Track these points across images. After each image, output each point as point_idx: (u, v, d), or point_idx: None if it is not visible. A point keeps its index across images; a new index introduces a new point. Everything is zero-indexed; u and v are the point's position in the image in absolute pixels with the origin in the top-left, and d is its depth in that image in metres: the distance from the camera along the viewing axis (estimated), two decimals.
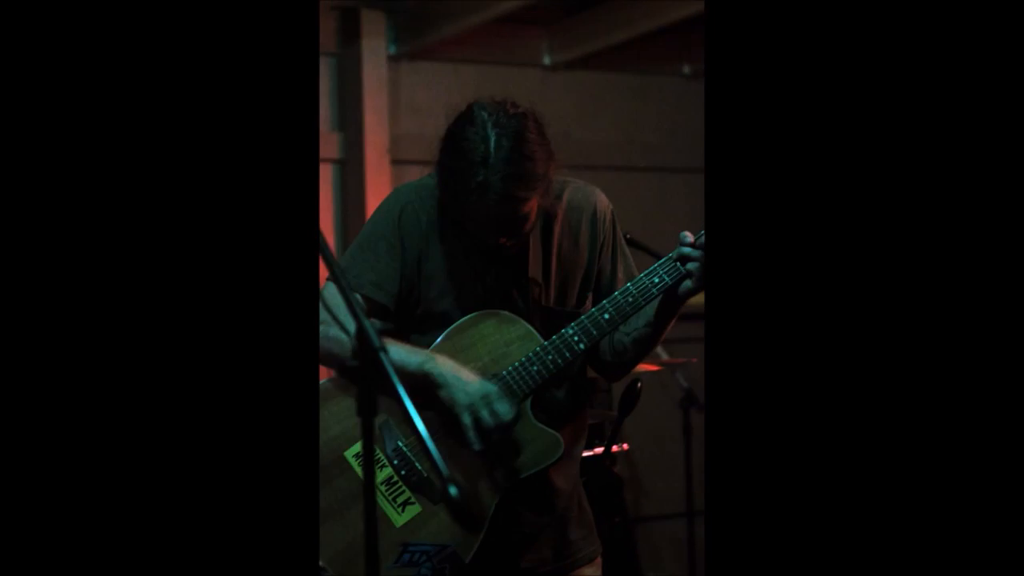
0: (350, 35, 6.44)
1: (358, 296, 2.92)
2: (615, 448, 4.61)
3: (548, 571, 3.07)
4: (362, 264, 2.97)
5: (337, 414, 2.89)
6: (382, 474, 2.89)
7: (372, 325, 2.10)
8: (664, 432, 6.49)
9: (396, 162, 6.41)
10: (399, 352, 2.86)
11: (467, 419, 2.84)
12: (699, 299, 3.63)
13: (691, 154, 7.14)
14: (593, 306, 3.00)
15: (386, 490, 2.89)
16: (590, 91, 7.04)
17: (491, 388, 2.85)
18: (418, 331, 2.98)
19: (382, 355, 2.05)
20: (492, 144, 2.78)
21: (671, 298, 2.93)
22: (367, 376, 2.07)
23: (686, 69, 7.35)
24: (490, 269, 2.98)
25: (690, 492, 6.08)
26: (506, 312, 2.94)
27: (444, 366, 2.87)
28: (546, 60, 6.95)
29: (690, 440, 6.11)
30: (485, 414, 2.84)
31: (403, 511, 2.89)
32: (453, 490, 1.94)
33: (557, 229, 3.03)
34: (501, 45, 6.77)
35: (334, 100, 6.48)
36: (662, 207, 6.92)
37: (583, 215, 3.08)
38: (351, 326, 2.16)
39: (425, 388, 2.86)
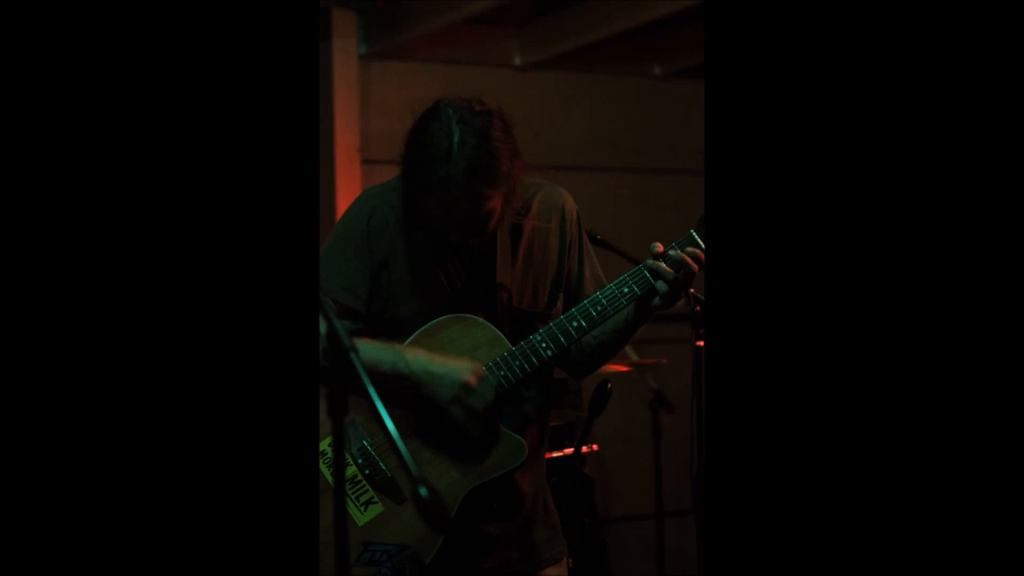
0: (321, 34, 6.43)
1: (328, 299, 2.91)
2: (585, 449, 4.62)
3: (513, 572, 3.07)
4: (331, 268, 2.95)
5: None
6: (346, 472, 2.88)
7: (343, 326, 2.09)
8: (633, 433, 6.49)
9: (366, 161, 6.40)
10: (369, 351, 2.84)
11: (457, 412, 2.85)
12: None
13: (661, 155, 7.15)
14: (562, 307, 3.00)
15: (350, 489, 2.89)
16: (560, 91, 7.04)
17: (464, 373, 2.84)
18: (386, 335, 2.96)
19: (353, 355, 2.04)
20: (456, 140, 2.75)
21: (640, 308, 2.94)
22: (338, 377, 2.06)
23: (656, 70, 7.36)
24: (459, 273, 2.98)
25: (659, 493, 6.09)
26: (473, 316, 2.94)
27: (416, 364, 2.86)
28: (517, 60, 6.96)
29: (659, 441, 6.12)
30: (472, 400, 2.84)
31: (366, 510, 2.88)
32: (423, 491, 1.94)
33: (527, 231, 3.02)
34: (472, 45, 6.77)
35: None
36: (632, 208, 6.93)
37: (552, 216, 3.07)
38: (322, 327, 2.15)
39: (401, 388, 2.86)
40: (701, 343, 3.42)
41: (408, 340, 2.93)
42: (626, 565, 6.70)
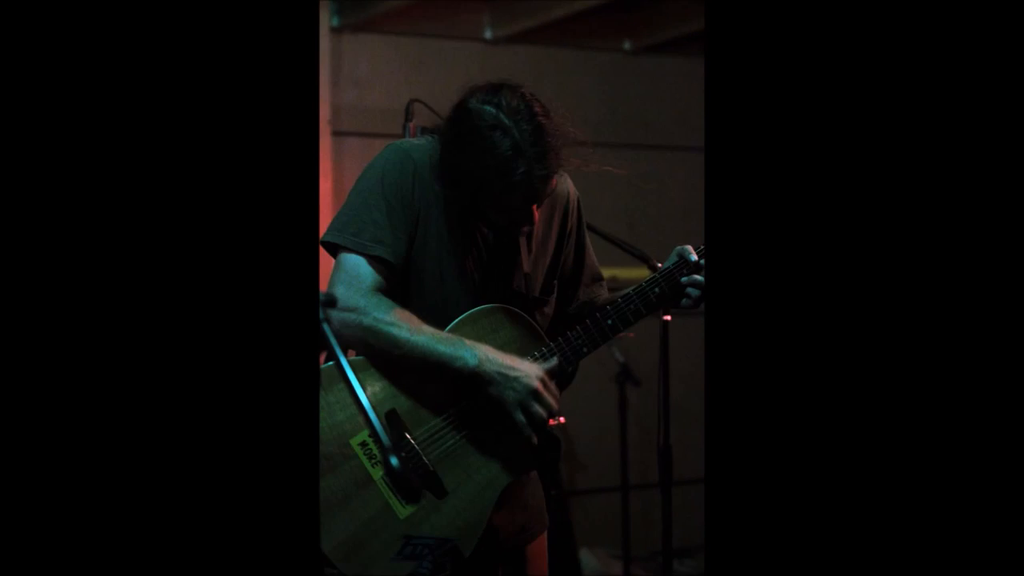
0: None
1: (362, 259, 2.87)
2: (552, 422, 4.64)
3: (520, 541, 3.13)
4: (364, 217, 2.89)
5: (343, 400, 2.84)
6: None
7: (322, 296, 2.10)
8: (600, 407, 6.52)
9: (336, 133, 6.38)
10: (436, 344, 2.84)
11: (519, 416, 2.87)
12: (640, 274, 3.67)
13: (632, 130, 7.16)
14: (557, 294, 3.07)
15: (390, 482, 2.87)
16: (531, 65, 7.04)
17: (534, 380, 2.85)
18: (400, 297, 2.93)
19: (325, 326, 2.06)
20: (517, 132, 2.75)
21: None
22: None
23: (627, 45, 7.37)
24: (484, 258, 2.98)
25: (625, 466, 6.12)
26: (510, 308, 2.96)
27: (489, 364, 2.84)
28: (487, 34, 6.95)
29: (625, 414, 6.15)
30: (536, 408, 2.86)
31: (406, 504, 2.88)
32: (395, 461, 1.97)
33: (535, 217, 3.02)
34: (443, 18, 6.75)
35: None
36: (600, 182, 6.94)
37: (556, 201, 3.10)
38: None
39: (467, 382, 2.87)
40: (668, 317, 3.45)
41: (450, 325, 2.91)
42: (591, 537, 6.74)
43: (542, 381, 2.87)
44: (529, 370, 2.87)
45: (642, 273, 3.75)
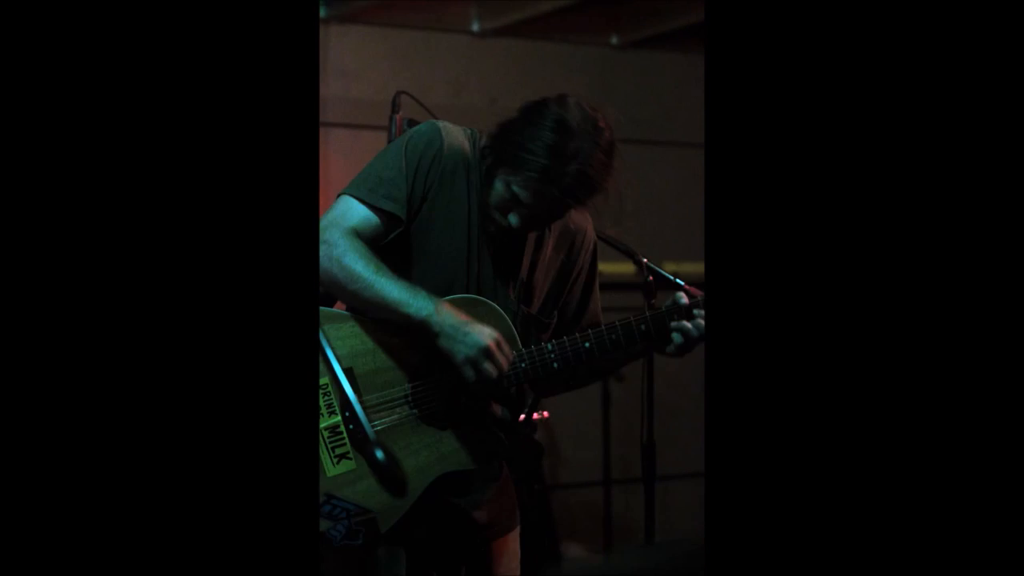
0: None
1: (358, 203, 2.93)
2: (536, 415, 4.65)
3: (490, 535, 3.12)
4: (382, 177, 2.95)
5: None
6: (329, 421, 2.90)
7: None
8: (583, 401, 6.53)
9: (323, 124, 6.38)
10: (402, 292, 2.86)
11: (469, 372, 2.85)
12: (625, 269, 3.67)
13: (617, 125, 7.17)
14: (558, 324, 3.07)
15: (328, 437, 2.89)
16: (518, 59, 7.04)
17: (487, 338, 2.84)
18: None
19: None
20: (588, 146, 2.87)
21: (646, 346, 3.01)
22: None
23: (614, 39, 7.37)
24: (486, 256, 3.00)
25: (607, 461, 6.14)
26: (498, 308, 2.95)
27: (446, 317, 2.85)
28: (475, 26, 6.94)
29: (608, 409, 6.16)
30: (487, 366, 2.84)
31: (338, 463, 2.89)
32: (380, 454, 1.97)
33: (551, 239, 3.07)
34: (430, 10, 6.75)
35: None
36: None
37: (576, 236, 3.13)
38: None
39: (416, 331, 2.87)
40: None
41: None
42: (572, 531, 6.75)
43: (496, 341, 2.84)
44: (483, 329, 2.86)
45: (626, 268, 3.75)
